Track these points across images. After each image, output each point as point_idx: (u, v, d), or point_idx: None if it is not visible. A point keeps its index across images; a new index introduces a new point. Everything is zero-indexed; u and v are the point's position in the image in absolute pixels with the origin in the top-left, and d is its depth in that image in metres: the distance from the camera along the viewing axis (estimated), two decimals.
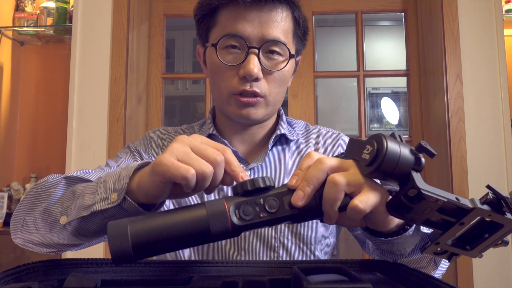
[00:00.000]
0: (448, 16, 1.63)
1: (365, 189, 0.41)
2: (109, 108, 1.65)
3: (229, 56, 0.69)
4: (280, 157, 0.79)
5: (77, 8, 1.70)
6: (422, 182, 0.38)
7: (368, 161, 0.40)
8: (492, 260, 1.53)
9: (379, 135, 0.40)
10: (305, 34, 0.78)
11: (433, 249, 0.41)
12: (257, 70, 0.67)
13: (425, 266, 0.61)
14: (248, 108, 0.70)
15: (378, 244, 0.55)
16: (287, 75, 0.73)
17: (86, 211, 0.49)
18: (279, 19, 0.70)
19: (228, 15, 0.70)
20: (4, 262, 1.70)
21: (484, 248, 0.40)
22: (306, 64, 1.84)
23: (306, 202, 0.41)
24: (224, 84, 0.71)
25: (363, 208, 0.40)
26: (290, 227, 0.74)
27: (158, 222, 0.39)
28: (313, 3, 1.88)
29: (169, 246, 0.39)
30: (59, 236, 0.54)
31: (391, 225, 0.47)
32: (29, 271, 0.43)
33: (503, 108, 1.60)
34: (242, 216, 0.40)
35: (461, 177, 1.56)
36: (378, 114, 3.02)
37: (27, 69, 2.06)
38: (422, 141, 0.39)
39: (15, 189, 1.88)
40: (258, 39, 0.68)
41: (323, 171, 0.42)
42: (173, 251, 0.41)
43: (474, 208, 0.37)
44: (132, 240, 0.38)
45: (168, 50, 2.04)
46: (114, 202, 0.47)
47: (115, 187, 0.48)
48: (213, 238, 0.40)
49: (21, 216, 0.60)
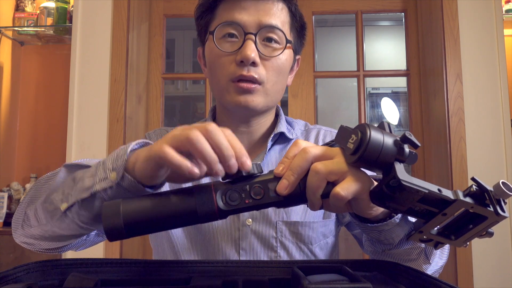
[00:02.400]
0: (448, 16, 1.63)
1: (348, 177, 0.42)
2: (109, 108, 1.65)
3: (226, 44, 0.71)
4: (280, 155, 0.79)
5: (77, 8, 1.70)
6: (404, 173, 0.39)
7: (352, 150, 0.41)
8: (492, 260, 1.53)
9: (364, 125, 0.41)
10: (302, 30, 0.78)
11: (418, 237, 0.42)
12: (254, 54, 0.68)
13: (416, 258, 0.61)
14: (246, 95, 0.70)
15: (366, 231, 0.55)
16: (286, 65, 0.73)
17: (86, 193, 0.49)
18: (275, 9, 0.71)
19: (225, 7, 0.71)
20: (4, 262, 1.70)
21: (469, 238, 0.41)
22: (306, 64, 1.84)
23: (291, 190, 0.43)
24: (222, 72, 0.71)
25: (344, 195, 0.41)
26: (290, 227, 0.74)
27: (149, 203, 0.42)
28: (313, 3, 1.88)
29: (158, 225, 0.42)
30: (60, 225, 0.54)
31: (376, 212, 0.48)
32: (29, 271, 0.43)
33: (503, 108, 1.60)
34: (228, 202, 0.42)
35: (461, 177, 1.56)
36: (378, 114, 3.02)
37: (27, 69, 2.07)
38: (406, 132, 0.40)
39: (15, 189, 1.88)
40: (255, 25, 0.69)
41: (307, 160, 0.43)
42: (163, 230, 0.43)
43: (456, 199, 0.38)
44: (124, 218, 0.40)
45: (168, 50, 2.04)
46: (113, 181, 0.47)
47: (113, 166, 0.48)
48: (200, 221, 0.43)
49: (21, 212, 0.60)
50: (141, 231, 0.42)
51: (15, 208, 1.87)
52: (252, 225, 0.73)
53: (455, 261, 1.53)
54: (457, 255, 1.52)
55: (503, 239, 1.54)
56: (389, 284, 0.43)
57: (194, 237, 0.74)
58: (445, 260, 0.65)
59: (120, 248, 1.62)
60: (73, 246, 0.61)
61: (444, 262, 0.65)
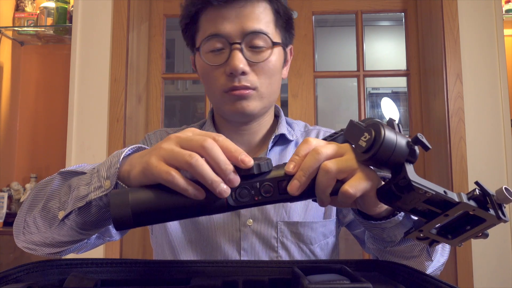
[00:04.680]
0: (448, 16, 1.63)
1: (357, 174, 0.42)
2: (109, 108, 1.65)
3: (214, 58, 0.71)
4: (280, 157, 0.79)
5: (77, 8, 1.70)
6: (413, 173, 0.39)
7: (364, 149, 0.41)
8: (492, 260, 1.53)
9: (378, 124, 0.41)
10: (289, 23, 0.77)
11: (416, 235, 0.43)
12: (242, 65, 0.68)
13: (418, 255, 0.61)
14: (241, 101, 0.70)
15: (369, 228, 0.55)
16: (276, 65, 0.73)
17: (82, 202, 0.49)
18: (257, 12, 0.70)
19: (207, 17, 0.71)
20: (4, 262, 1.70)
21: (465, 238, 0.42)
22: (306, 64, 1.84)
23: (302, 190, 0.43)
24: (215, 85, 0.71)
25: (353, 193, 0.41)
26: (290, 227, 0.74)
27: (158, 193, 0.42)
28: (313, 3, 1.88)
29: (166, 215, 0.42)
30: (59, 232, 0.54)
31: (381, 209, 0.48)
32: (29, 271, 0.43)
33: (503, 108, 1.60)
34: (238, 198, 0.42)
35: (461, 177, 1.56)
36: (378, 114, 3.02)
37: (27, 69, 2.07)
38: (418, 134, 0.40)
39: (15, 189, 1.88)
40: (239, 34, 0.69)
41: (319, 161, 0.43)
42: (170, 221, 0.43)
43: (460, 202, 0.39)
44: (132, 208, 0.40)
45: (168, 50, 2.04)
46: (108, 189, 0.48)
47: (108, 174, 0.48)
48: (208, 214, 0.43)
49: (21, 218, 0.60)
50: (148, 221, 0.42)
51: (15, 208, 1.87)
52: (252, 225, 0.73)
53: (455, 261, 1.53)
54: (457, 255, 1.52)
55: (503, 239, 1.54)
56: (389, 284, 0.43)
57: (194, 238, 0.74)
58: (446, 257, 0.66)
59: (120, 248, 1.62)
60: (74, 249, 0.62)
61: (445, 259, 0.66)
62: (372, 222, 0.52)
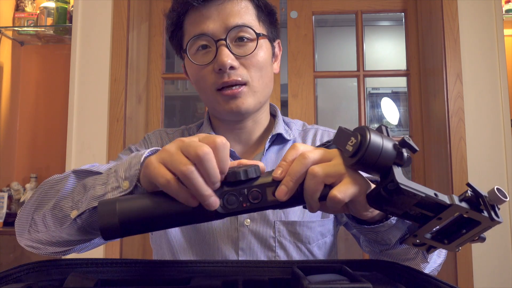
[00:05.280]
0: (448, 16, 1.63)
1: (345, 179, 0.42)
2: (109, 108, 1.65)
3: (202, 57, 0.72)
4: (277, 157, 0.79)
5: (77, 8, 1.70)
6: (402, 176, 0.39)
7: (351, 153, 0.41)
8: (492, 260, 1.53)
9: (364, 128, 0.41)
10: (272, 17, 0.78)
11: (412, 241, 0.42)
12: (230, 60, 0.68)
13: (413, 257, 0.61)
14: (235, 100, 0.71)
15: (363, 232, 0.55)
16: (265, 57, 0.74)
17: (97, 201, 0.49)
18: (238, 8, 0.71)
19: (190, 20, 0.72)
20: (4, 262, 1.70)
21: (461, 243, 0.42)
22: (306, 64, 1.84)
23: (290, 196, 0.42)
24: (206, 84, 0.72)
25: (341, 198, 0.41)
26: (288, 227, 0.74)
27: (146, 202, 0.42)
28: (313, 3, 1.88)
29: (154, 225, 0.42)
30: (69, 232, 0.54)
31: (373, 214, 0.48)
32: (29, 271, 0.43)
33: (503, 108, 1.60)
34: (226, 205, 0.42)
35: (461, 177, 1.56)
36: (378, 114, 3.02)
37: (27, 69, 2.07)
38: (405, 136, 0.40)
39: (15, 189, 1.88)
40: (223, 30, 0.70)
41: (306, 166, 0.43)
42: (158, 230, 0.43)
43: (451, 204, 0.38)
44: (120, 217, 0.40)
45: (168, 50, 2.04)
46: (126, 190, 0.48)
47: (126, 175, 0.48)
48: (196, 222, 0.43)
49: (27, 216, 0.59)
50: (136, 231, 0.42)
51: (15, 208, 1.87)
52: (250, 225, 0.73)
53: (455, 261, 1.53)
54: (457, 255, 1.52)
55: (503, 239, 1.54)
56: (388, 284, 0.43)
57: (192, 238, 0.74)
58: (443, 258, 0.65)
59: (120, 248, 1.62)
60: (78, 248, 0.62)
61: (443, 260, 0.65)
62: (365, 226, 0.52)
